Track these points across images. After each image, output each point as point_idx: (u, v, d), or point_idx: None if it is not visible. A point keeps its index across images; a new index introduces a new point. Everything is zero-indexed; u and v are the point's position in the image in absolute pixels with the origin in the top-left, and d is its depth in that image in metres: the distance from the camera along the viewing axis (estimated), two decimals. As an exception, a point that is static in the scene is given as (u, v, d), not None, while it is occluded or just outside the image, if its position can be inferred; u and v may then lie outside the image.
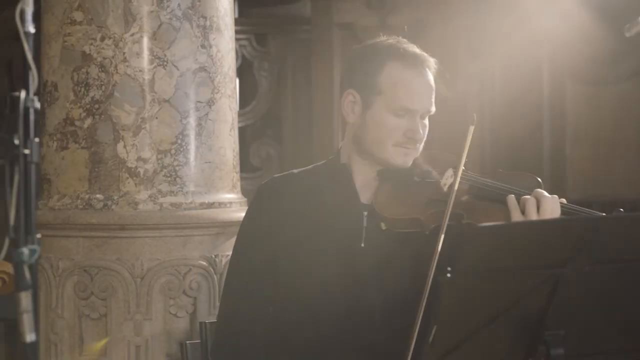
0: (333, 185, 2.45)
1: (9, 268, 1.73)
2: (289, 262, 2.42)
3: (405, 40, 2.43)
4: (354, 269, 2.38)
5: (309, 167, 2.55)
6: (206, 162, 3.03)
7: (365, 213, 2.39)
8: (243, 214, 2.60)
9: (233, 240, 2.73)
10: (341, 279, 2.38)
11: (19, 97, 1.55)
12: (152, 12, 2.95)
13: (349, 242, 2.39)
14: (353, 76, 2.42)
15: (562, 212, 2.31)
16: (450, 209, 2.22)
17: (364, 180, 2.43)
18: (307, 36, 5.55)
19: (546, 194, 2.32)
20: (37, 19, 2.11)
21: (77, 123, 2.96)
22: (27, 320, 1.47)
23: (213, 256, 3.01)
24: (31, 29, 1.54)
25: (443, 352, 1.90)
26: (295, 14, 5.79)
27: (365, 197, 2.42)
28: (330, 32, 5.36)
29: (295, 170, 2.53)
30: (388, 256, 2.38)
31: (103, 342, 1.71)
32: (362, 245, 2.38)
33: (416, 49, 2.41)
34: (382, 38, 2.44)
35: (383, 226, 2.35)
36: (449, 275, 1.81)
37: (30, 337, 1.47)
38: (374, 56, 2.40)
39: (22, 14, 1.52)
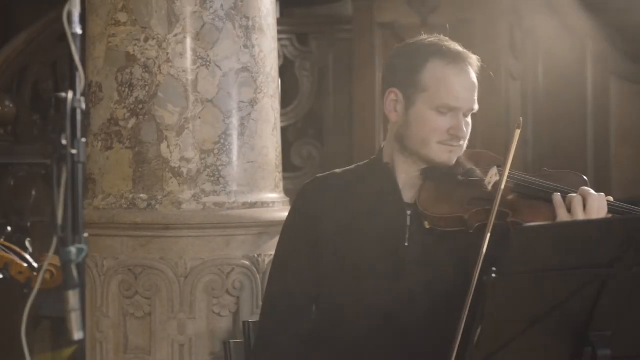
0: (376, 184, 2.45)
1: (58, 262, 1.75)
2: (332, 261, 2.43)
3: (447, 38, 2.43)
4: (398, 268, 2.38)
5: (351, 166, 2.55)
6: (249, 162, 3.04)
7: (409, 212, 2.39)
8: (285, 214, 2.61)
9: (276, 240, 2.74)
10: (384, 278, 2.38)
11: (64, 98, 1.56)
12: (195, 12, 2.97)
13: (393, 241, 2.38)
14: (395, 75, 2.42)
15: (609, 211, 2.30)
16: (496, 208, 2.21)
17: (407, 179, 2.43)
18: (348, 36, 5.54)
19: (592, 191, 2.30)
20: (82, 20, 2.13)
21: (121, 123, 2.98)
22: (75, 318, 1.49)
23: (256, 256, 3.02)
24: (78, 30, 1.56)
25: (488, 353, 1.89)
26: (336, 13, 5.78)
27: (408, 196, 2.42)
28: (371, 32, 5.34)
29: (338, 170, 2.54)
30: (432, 255, 2.37)
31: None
32: (406, 244, 2.38)
33: (458, 47, 2.41)
34: (424, 36, 2.44)
35: (427, 225, 2.35)
36: (494, 275, 1.80)
37: (78, 335, 1.49)
38: (416, 54, 2.40)
39: (70, 15, 1.54)
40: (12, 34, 5.53)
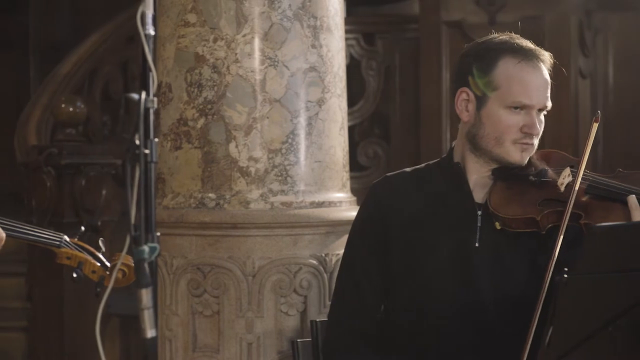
0: (446, 184, 2.44)
1: (131, 261, 1.77)
2: (401, 261, 2.42)
3: (517, 35, 2.41)
4: (468, 268, 2.36)
5: (421, 165, 2.54)
6: (316, 162, 3.04)
7: (480, 212, 2.37)
8: (353, 213, 2.60)
9: (343, 240, 2.74)
10: (454, 278, 2.36)
11: (135, 99, 1.58)
12: (263, 13, 2.98)
13: (463, 241, 2.37)
14: (466, 74, 2.41)
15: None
16: (570, 209, 2.18)
17: (478, 179, 2.41)
18: (415, 34, 5.53)
19: None
20: (152, 21, 2.15)
21: (190, 123, 3.01)
22: (147, 316, 1.50)
23: (323, 255, 3.02)
24: (151, 31, 1.57)
25: (560, 354, 1.87)
26: (403, 12, 5.77)
27: (479, 196, 2.40)
28: (438, 30, 5.32)
29: (407, 169, 2.53)
30: (502, 256, 2.35)
31: None
32: (477, 244, 2.36)
33: (530, 44, 2.39)
34: (494, 35, 2.43)
35: (497, 226, 2.33)
36: (566, 276, 1.77)
37: (151, 332, 1.51)
38: (487, 52, 2.38)
39: (143, 16, 1.56)
40: (83, 36, 5.62)
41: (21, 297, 5.08)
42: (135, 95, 1.60)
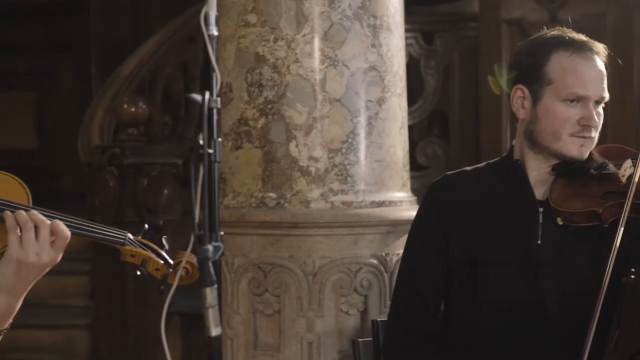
0: (507, 182, 2.43)
1: (194, 259, 1.78)
2: (462, 259, 2.41)
3: (569, 29, 2.40)
4: (530, 266, 2.35)
5: (481, 164, 2.54)
6: (376, 161, 3.04)
7: (541, 209, 2.36)
8: (413, 213, 2.60)
9: (403, 239, 2.73)
10: (516, 277, 2.35)
11: (194, 99, 1.59)
12: (323, 12, 2.99)
13: (525, 239, 2.36)
14: (520, 72, 2.40)
15: None
16: (630, 201, 2.15)
17: (538, 176, 2.40)
18: (474, 33, 5.50)
19: None
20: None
21: (250, 123, 3.02)
22: (212, 314, 1.52)
23: (384, 254, 3.02)
24: (215, 32, 1.59)
25: (626, 358, 1.84)
26: (462, 10, 5.74)
27: (539, 193, 2.39)
28: (498, 29, 5.28)
29: (467, 168, 2.53)
30: (566, 252, 2.34)
31: None
32: (539, 242, 2.35)
33: (582, 36, 2.39)
34: (546, 30, 2.43)
35: (559, 221, 2.31)
36: (633, 276, 1.75)
37: (215, 331, 1.52)
38: (539, 48, 2.38)
39: (206, 17, 1.57)
40: (143, 37, 5.68)
41: (85, 295, 5.16)
42: (196, 96, 1.62)
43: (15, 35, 6.76)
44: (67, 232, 1.81)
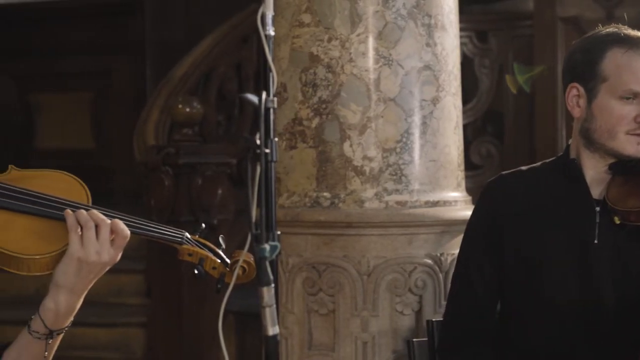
0: (563, 182, 2.41)
1: (250, 258, 1.79)
2: (517, 260, 2.40)
3: (625, 26, 2.38)
4: (587, 266, 2.33)
5: (537, 164, 2.52)
6: (431, 161, 3.03)
7: (598, 208, 2.34)
8: (468, 213, 2.58)
9: (458, 239, 2.72)
10: (573, 277, 2.34)
11: (249, 99, 1.60)
12: (377, 12, 2.98)
13: (582, 239, 2.34)
14: (574, 69, 2.39)
15: None
16: None
17: (595, 175, 2.38)
18: (529, 31, 5.45)
19: None
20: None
21: (305, 123, 3.03)
22: (269, 314, 1.52)
23: (438, 254, 3.01)
24: (271, 32, 1.59)
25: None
26: (516, 9, 5.69)
27: (596, 192, 2.37)
28: (553, 27, 5.23)
29: (523, 167, 2.52)
30: (623, 252, 2.31)
31: None
32: (595, 241, 2.33)
33: (638, 33, 2.36)
34: (601, 28, 2.41)
35: (617, 220, 2.29)
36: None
37: (272, 330, 1.53)
38: (594, 45, 2.37)
39: (263, 17, 1.58)
40: (197, 37, 5.72)
41: (140, 293, 5.20)
42: (251, 96, 1.63)
43: (72, 37, 6.85)
44: (127, 231, 1.83)
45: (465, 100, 5.43)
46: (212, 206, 4.85)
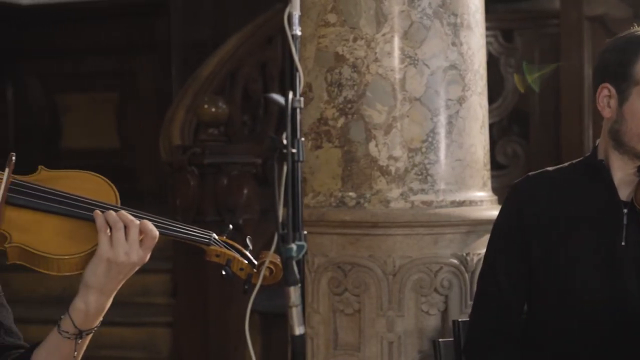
0: (590, 183, 2.39)
1: (277, 259, 1.79)
2: (544, 260, 2.39)
3: None
4: (614, 268, 2.31)
5: (564, 164, 2.50)
6: (457, 160, 3.02)
7: (625, 210, 2.33)
8: (494, 213, 2.57)
9: (484, 239, 2.71)
10: (601, 279, 2.32)
11: (274, 99, 1.60)
12: (402, 11, 2.98)
13: (609, 240, 2.32)
14: (606, 70, 2.36)
15: None
16: None
17: (623, 177, 2.36)
18: (555, 30, 5.42)
19: None
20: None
21: (330, 123, 3.03)
22: (296, 313, 1.52)
23: (464, 254, 3.00)
24: (298, 32, 1.59)
25: None
26: (542, 7, 5.66)
27: (624, 194, 2.35)
28: (579, 26, 5.19)
29: (550, 168, 2.50)
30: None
31: None
32: (623, 243, 2.31)
33: None
34: (636, 28, 2.37)
35: None
36: None
37: (299, 330, 1.52)
38: (627, 46, 2.33)
39: (290, 17, 1.58)
40: (223, 37, 5.74)
41: (167, 293, 5.22)
42: (276, 96, 1.63)
43: (98, 36, 6.88)
44: (156, 232, 1.84)
45: (491, 100, 5.41)
46: (237, 206, 4.85)
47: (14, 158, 1.84)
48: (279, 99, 1.62)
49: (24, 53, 7.03)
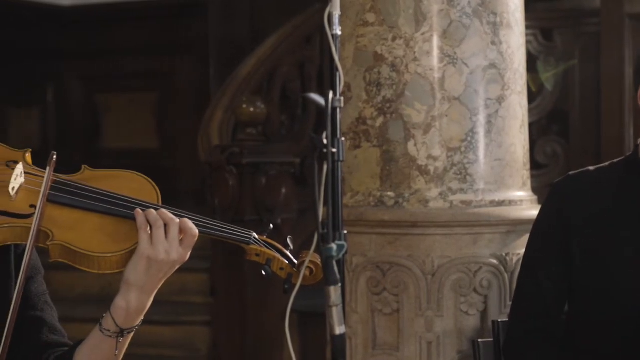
0: (632, 182, 2.37)
1: (318, 259, 1.79)
2: (585, 261, 2.37)
3: None
4: (657, 269, 2.29)
5: (605, 163, 2.48)
6: (496, 160, 3.00)
7: (667, 210, 2.30)
8: (534, 212, 2.56)
9: (524, 239, 2.69)
10: (642, 280, 2.30)
11: (313, 99, 1.60)
12: (442, 10, 2.97)
13: (651, 241, 2.30)
14: None
15: None
16: None
17: (665, 177, 2.34)
18: (596, 29, 5.37)
19: None
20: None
21: (369, 122, 3.03)
22: (336, 313, 1.52)
23: (504, 254, 2.98)
24: (338, 32, 1.59)
25: None
26: (582, 6, 5.62)
27: (666, 193, 2.33)
28: (621, 24, 5.14)
29: (591, 167, 2.48)
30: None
31: None
32: (665, 243, 2.29)
33: None
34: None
35: None
36: None
37: (339, 329, 1.52)
38: None
39: (330, 17, 1.58)
40: (260, 37, 5.75)
41: (204, 292, 5.24)
42: (315, 95, 1.63)
43: (137, 37, 6.93)
44: (196, 230, 1.85)
45: (530, 99, 5.38)
46: (275, 206, 4.86)
47: (55, 157, 1.86)
48: (318, 98, 1.62)
49: (64, 53, 7.10)
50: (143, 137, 6.96)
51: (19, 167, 1.85)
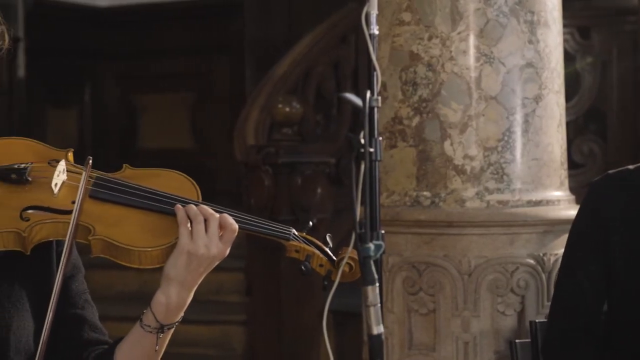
0: (672, 182, 2.35)
1: (357, 255, 1.79)
2: (624, 260, 2.35)
3: None
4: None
5: (645, 163, 2.46)
6: (533, 159, 2.99)
7: None
8: (572, 212, 2.54)
9: (562, 239, 2.68)
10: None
11: (348, 98, 1.60)
12: (478, 9, 2.96)
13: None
14: None
15: None
16: None
17: None
18: (634, 27, 5.32)
19: None
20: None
21: (405, 122, 3.02)
22: (374, 313, 1.52)
23: (541, 254, 2.96)
24: (375, 31, 1.59)
25: None
26: (620, 4, 5.57)
27: None
28: (659, 22, 5.11)
29: (630, 166, 2.45)
30: None
31: None
32: None
33: None
34: None
35: None
36: None
37: (377, 329, 1.52)
38: None
39: (367, 16, 1.58)
40: (296, 37, 5.76)
41: (240, 291, 5.26)
42: (351, 95, 1.63)
43: (173, 38, 6.97)
44: (235, 226, 1.86)
45: (567, 98, 5.34)
46: (311, 205, 4.86)
47: (91, 161, 1.88)
48: (354, 98, 1.62)
49: (101, 54, 7.15)
50: (179, 137, 7.00)
51: (61, 165, 1.88)
